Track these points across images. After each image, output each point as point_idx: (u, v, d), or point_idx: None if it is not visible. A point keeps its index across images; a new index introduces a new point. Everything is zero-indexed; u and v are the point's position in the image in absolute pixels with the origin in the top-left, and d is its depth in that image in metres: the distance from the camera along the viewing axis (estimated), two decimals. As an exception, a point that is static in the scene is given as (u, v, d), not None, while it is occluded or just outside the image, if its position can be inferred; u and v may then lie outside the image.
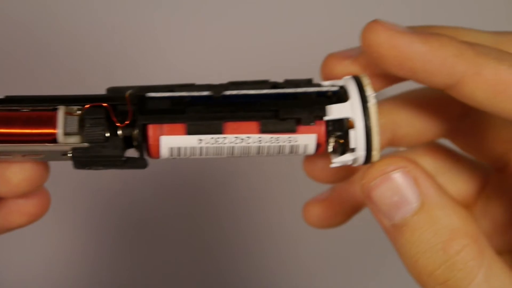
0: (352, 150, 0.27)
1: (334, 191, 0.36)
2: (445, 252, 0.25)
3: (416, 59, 0.27)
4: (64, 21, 0.58)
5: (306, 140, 0.27)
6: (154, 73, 0.58)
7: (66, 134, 0.27)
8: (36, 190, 0.30)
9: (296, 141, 0.27)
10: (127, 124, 0.27)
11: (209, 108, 0.27)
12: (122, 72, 0.58)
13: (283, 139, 0.27)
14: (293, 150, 0.28)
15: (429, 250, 0.25)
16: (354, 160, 0.27)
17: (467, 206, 0.34)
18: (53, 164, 0.30)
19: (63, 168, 0.33)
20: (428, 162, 0.34)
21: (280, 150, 0.28)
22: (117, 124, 0.27)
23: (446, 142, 0.35)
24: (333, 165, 0.28)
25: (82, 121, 0.27)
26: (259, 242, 0.64)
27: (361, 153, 0.27)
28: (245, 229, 0.64)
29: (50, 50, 0.58)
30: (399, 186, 0.26)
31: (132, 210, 0.62)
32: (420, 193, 0.26)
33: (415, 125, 0.32)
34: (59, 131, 0.27)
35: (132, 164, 0.28)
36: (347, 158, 0.27)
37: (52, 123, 0.27)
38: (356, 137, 0.27)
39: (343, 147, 0.27)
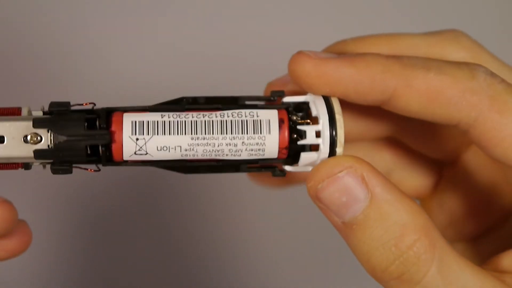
0: (317, 134, 0.28)
1: None
2: (397, 248, 0.25)
3: (346, 82, 0.27)
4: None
5: (267, 114, 0.28)
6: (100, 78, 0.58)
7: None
8: (12, 229, 0.30)
9: (258, 116, 0.28)
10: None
11: None
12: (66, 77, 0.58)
13: (245, 113, 0.28)
14: (256, 127, 0.28)
15: (381, 247, 0.25)
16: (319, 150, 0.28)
17: (424, 200, 0.35)
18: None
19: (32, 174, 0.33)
20: (386, 157, 0.34)
21: (243, 127, 0.28)
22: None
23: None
24: (296, 168, 0.28)
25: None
26: (232, 245, 0.64)
27: (326, 134, 0.27)
28: (219, 232, 0.64)
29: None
30: (347, 186, 0.26)
31: (106, 213, 0.62)
32: (368, 191, 0.26)
33: (357, 124, 0.32)
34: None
35: (93, 137, 0.27)
36: (311, 156, 0.28)
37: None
38: (318, 110, 0.28)
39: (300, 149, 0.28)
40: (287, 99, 0.29)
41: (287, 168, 0.29)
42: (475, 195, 0.33)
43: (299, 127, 0.28)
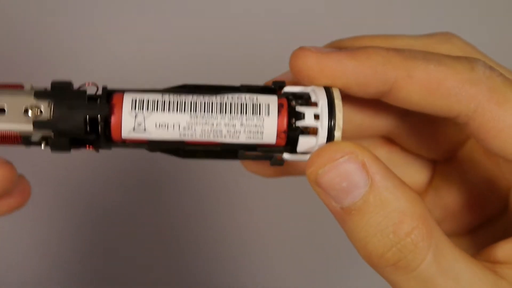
0: (316, 117, 0.28)
1: None
2: (395, 234, 0.25)
3: (347, 74, 0.28)
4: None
5: (267, 99, 0.28)
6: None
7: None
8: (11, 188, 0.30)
9: (257, 100, 0.28)
10: None
11: None
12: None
13: (245, 97, 0.28)
14: (255, 109, 0.28)
15: (379, 233, 0.26)
16: (318, 134, 0.28)
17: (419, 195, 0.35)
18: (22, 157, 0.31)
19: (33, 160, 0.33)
20: (381, 154, 0.35)
21: (242, 109, 0.28)
22: None
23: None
24: (294, 157, 0.28)
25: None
26: (234, 241, 0.64)
27: (325, 122, 0.27)
28: (217, 227, 0.64)
29: None
30: (348, 172, 0.26)
31: (107, 211, 0.62)
32: (368, 177, 0.26)
33: (355, 119, 0.33)
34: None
35: (93, 109, 0.28)
36: (309, 140, 0.28)
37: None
38: (318, 98, 0.28)
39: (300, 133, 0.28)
40: (287, 89, 0.29)
41: (286, 156, 0.29)
42: (470, 190, 0.33)
43: (297, 108, 0.28)
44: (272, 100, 0.28)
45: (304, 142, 0.28)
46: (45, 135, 0.28)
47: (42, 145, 0.28)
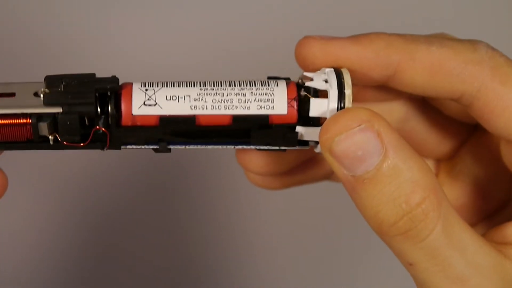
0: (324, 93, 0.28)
1: None
2: (408, 204, 0.26)
3: (351, 59, 0.28)
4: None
5: (274, 79, 0.29)
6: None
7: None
8: None
9: (264, 79, 0.29)
10: None
11: None
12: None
13: (252, 78, 0.29)
14: (264, 82, 0.28)
15: (391, 202, 0.26)
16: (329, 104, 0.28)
17: None
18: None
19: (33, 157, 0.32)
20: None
21: (251, 82, 0.28)
22: None
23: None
24: (307, 130, 0.28)
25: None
26: (237, 241, 0.64)
27: (333, 92, 0.27)
28: (225, 225, 0.64)
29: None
30: (363, 141, 0.26)
31: (107, 201, 0.62)
32: (383, 147, 0.26)
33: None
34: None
35: (104, 82, 0.28)
36: (321, 103, 0.28)
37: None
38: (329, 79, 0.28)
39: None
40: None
41: (299, 129, 0.29)
42: (474, 185, 0.33)
43: (305, 73, 0.29)
44: (279, 80, 0.29)
45: (316, 105, 0.28)
46: (52, 132, 0.28)
47: (51, 139, 0.28)
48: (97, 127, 0.28)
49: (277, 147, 0.29)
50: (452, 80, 0.28)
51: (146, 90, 0.28)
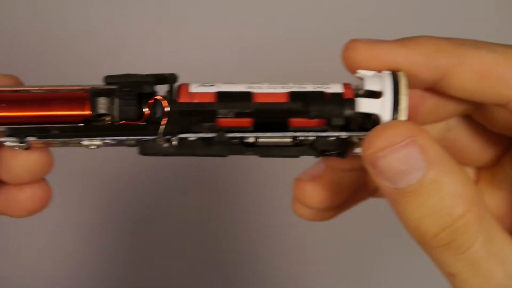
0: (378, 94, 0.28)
1: (328, 166, 0.35)
2: (450, 216, 0.26)
3: (399, 63, 0.28)
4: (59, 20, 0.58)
5: (332, 87, 0.29)
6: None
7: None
8: (38, 180, 0.31)
9: (320, 82, 0.29)
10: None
11: None
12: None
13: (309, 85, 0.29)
14: (316, 87, 0.29)
15: (433, 215, 0.26)
16: (381, 108, 0.28)
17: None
18: (59, 155, 0.31)
19: (70, 159, 0.33)
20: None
21: (304, 86, 0.29)
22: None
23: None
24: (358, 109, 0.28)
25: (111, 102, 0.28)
26: (267, 239, 0.64)
27: (388, 97, 0.27)
28: (255, 225, 0.64)
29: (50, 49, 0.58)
30: (406, 156, 0.26)
31: (140, 202, 0.63)
32: (426, 160, 0.26)
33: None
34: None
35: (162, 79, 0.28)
36: (373, 103, 0.28)
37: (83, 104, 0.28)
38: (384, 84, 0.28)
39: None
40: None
41: (357, 99, 0.28)
42: None
43: (358, 71, 0.29)
44: (336, 88, 0.29)
45: (369, 104, 0.28)
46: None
47: (107, 120, 0.28)
48: (156, 96, 0.28)
49: (334, 136, 0.29)
50: (501, 85, 0.28)
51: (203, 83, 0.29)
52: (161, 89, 0.29)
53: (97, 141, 0.28)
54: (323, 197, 0.34)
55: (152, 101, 0.28)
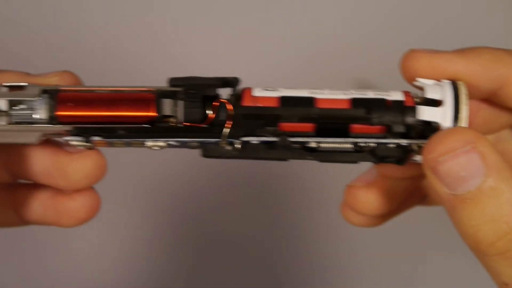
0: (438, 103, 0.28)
1: (380, 174, 0.35)
2: (508, 225, 0.26)
3: (458, 73, 0.29)
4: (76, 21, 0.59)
5: (393, 94, 0.29)
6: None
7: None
8: (89, 188, 0.32)
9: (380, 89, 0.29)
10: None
11: None
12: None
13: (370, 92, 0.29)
14: (377, 94, 0.29)
15: (491, 223, 0.26)
16: (442, 116, 0.28)
17: None
18: (114, 160, 0.32)
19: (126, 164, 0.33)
20: None
21: (365, 93, 0.29)
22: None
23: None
24: (419, 116, 0.28)
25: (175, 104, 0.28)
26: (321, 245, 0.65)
27: (448, 106, 0.28)
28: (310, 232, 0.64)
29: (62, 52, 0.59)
30: (467, 162, 0.26)
31: (197, 209, 0.63)
32: (485, 168, 0.26)
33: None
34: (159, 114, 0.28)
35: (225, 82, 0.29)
36: (434, 111, 0.28)
37: (149, 106, 0.28)
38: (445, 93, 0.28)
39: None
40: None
41: (419, 107, 0.28)
42: None
43: (418, 79, 0.29)
44: (396, 95, 0.29)
45: (430, 112, 0.28)
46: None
47: (172, 121, 0.28)
48: (220, 99, 0.28)
49: (395, 143, 0.29)
50: None
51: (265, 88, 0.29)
52: (223, 92, 0.29)
53: (161, 142, 0.29)
54: (375, 204, 0.34)
55: (218, 103, 0.28)
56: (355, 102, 0.29)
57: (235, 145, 0.29)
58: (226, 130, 0.28)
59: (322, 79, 0.58)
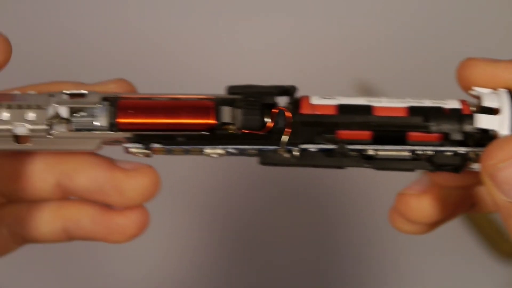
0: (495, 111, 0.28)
1: (433, 182, 0.35)
2: None
3: None
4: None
5: (450, 103, 0.29)
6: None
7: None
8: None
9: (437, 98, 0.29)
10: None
11: None
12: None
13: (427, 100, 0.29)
14: (434, 103, 0.29)
15: None
16: (499, 124, 0.28)
17: None
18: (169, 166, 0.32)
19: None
20: None
21: (422, 101, 0.29)
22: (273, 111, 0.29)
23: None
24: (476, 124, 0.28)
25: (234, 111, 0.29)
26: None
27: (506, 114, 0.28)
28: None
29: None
30: None
31: (250, 213, 0.64)
32: None
33: None
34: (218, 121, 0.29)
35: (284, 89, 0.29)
36: (491, 119, 0.28)
37: (209, 113, 0.29)
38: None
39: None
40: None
41: (477, 116, 0.28)
42: None
43: (474, 89, 0.29)
44: (453, 104, 0.30)
45: (487, 120, 0.28)
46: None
47: (232, 128, 0.29)
48: (279, 107, 0.29)
49: (452, 151, 0.29)
50: None
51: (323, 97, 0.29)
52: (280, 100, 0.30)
53: (219, 150, 0.29)
54: (428, 212, 0.34)
55: (277, 111, 0.28)
56: (413, 110, 0.29)
57: (293, 153, 0.29)
58: (285, 138, 0.28)
59: (322, 79, 0.58)
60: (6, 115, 0.28)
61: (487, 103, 0.29)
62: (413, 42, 0.65)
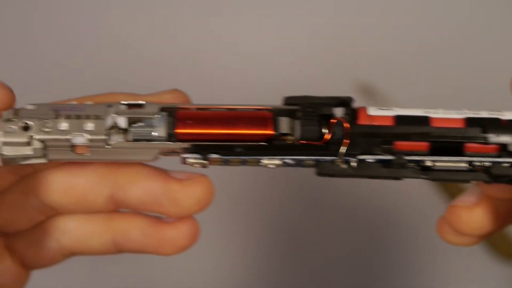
0: None
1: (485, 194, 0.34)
2: None
3: None
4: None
5: (507, 114, 0.29)
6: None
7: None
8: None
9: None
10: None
11: None
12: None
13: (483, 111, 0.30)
14: (491, 114, 0.29)
15: None
16: None
17: None
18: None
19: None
20: None
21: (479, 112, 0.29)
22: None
23: None
24: None
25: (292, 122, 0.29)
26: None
27: None
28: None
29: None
30: None
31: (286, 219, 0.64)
32: None
33: None
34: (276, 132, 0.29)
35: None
36: None
37: (267, 124, 0.29)
38: None
39: None
40: None
41: None
42: None
43: None
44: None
45: None
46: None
47: (290, 139, 0.29)
48: (337, 118, 0.29)
49: (510, 162, 0.29)
50: None
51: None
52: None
53: (277, 161, 0.29)
54: (479, 224, 0.34)
55: (335, 122, 0.29)
56: (470, 121, 0.29)
57: (351, 163, 0.29)
58: (343, 148, 0.28)
59: (322, 79, 0.59)
60: (65, 125, 0.28)
61: None
62: (414, 43, 0.66)
